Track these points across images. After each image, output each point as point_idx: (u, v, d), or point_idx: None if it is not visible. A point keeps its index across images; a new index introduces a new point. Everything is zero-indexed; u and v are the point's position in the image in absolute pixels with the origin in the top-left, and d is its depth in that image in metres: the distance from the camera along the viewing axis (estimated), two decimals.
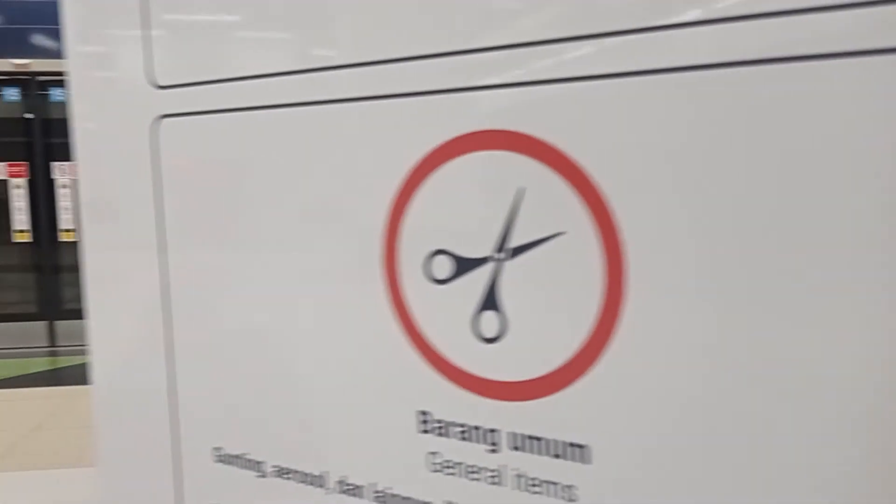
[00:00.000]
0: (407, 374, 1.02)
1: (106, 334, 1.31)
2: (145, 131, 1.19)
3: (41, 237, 6.35)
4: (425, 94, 0.99)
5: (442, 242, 0.99)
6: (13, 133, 6.27)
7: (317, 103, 1.07)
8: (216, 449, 1.20)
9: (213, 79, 1.15)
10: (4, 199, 6.27)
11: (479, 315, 0.98)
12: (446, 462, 1.02)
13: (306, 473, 1.12)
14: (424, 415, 1.03)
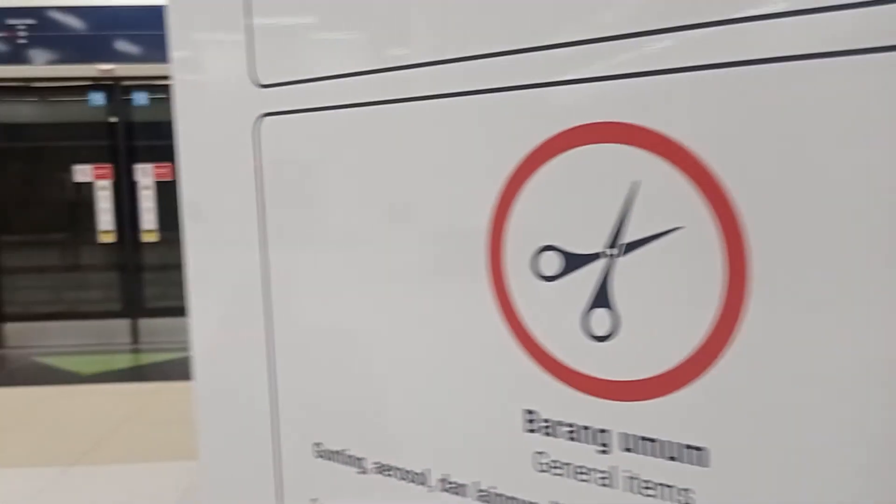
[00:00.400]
0: (512, 372, 1.01)
1: (207, 332, 1.33)
2: (247, 130, 1.21)
3: (124, 237, 6.58)
4: (534, 87, 0.97)
5: (550, 238, 0.97)
6: (98, 137, 6.52)
7: (421, 99, 1.06)
8: (316, 445, 1.20)
9: (314, 77, 1.15)
10: (90, 201, 6.52)
11: (589, 312, 0.95)
12: (553, 462, 1.00)
13: (407, 471, 1.12)
14: (531, 414, 1.01)
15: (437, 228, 1.08)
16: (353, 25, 1.13)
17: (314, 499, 1.22)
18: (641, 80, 0.90)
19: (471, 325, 1.04)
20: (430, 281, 1.08)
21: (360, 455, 1.16)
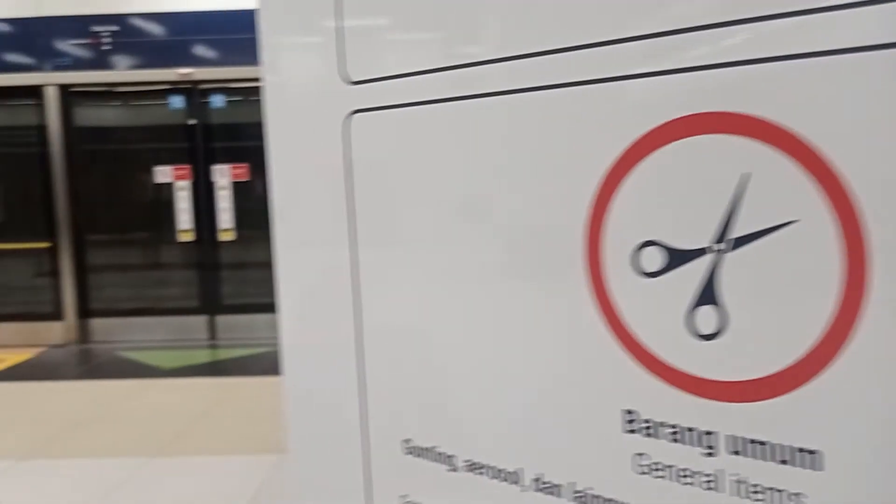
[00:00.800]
0: (611, 371, 0.98)
1: (296, 329, 1.34)
2: (337, 128, 1.21)
3: (202, 236, 6.78)
4: (634, 77, 0.94)
5: (652, 233, 0.94)
6: (177, 139, 6.74)
7: (515, 92, 1.04)
8: (405, 441, 1.20)
9: (406, 72, 1.15)
10: (170, 201, 6.74)
11: (694, 310, 0.92)
12: (655, 464, 0.97)
13: (499, 469, 1.10)
14: (630, 414, 0.98)
15: (532, 224, 1.06)
16: (445, 18, 1.12)
17: (403, 495, 1.22)
18: (752, 68, 0.86)
19: (567, 323, 1.02)
20: (524, 278, 1.07)
21: (450, 452, 1.15)
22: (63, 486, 3.56)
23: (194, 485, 3.56)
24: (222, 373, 6.02)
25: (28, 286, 7.06)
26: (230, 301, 6.98)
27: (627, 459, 0.98)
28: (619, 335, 0.97)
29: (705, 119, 0.89)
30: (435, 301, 1.16)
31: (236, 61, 6.54)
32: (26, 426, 4.51)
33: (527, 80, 1.03)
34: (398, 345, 1.20)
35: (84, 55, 6.53)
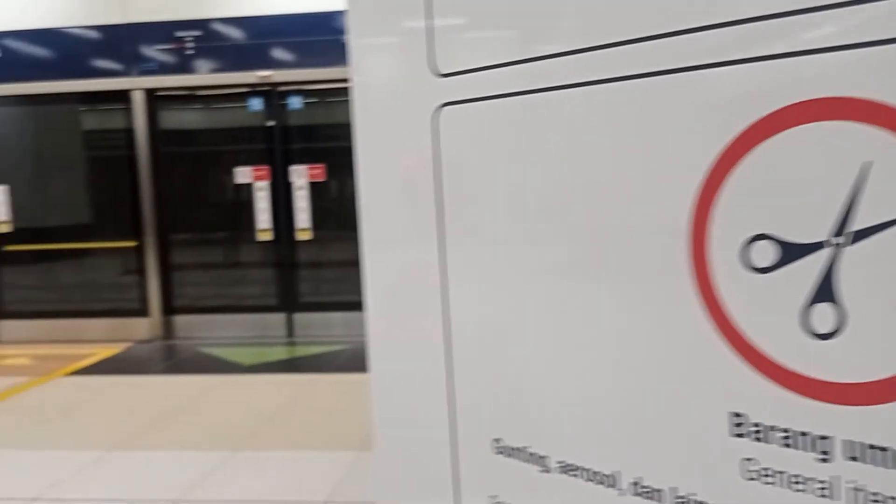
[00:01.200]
0: (718, 372, 0.94)
1: (384, 326, 1.33)
2: (426, 121, 1.20)
3: (280, 236, 6.92)
4: (742, 62, 0.89)
5: (764, 226, 0.89)
6: (257, 140, 6.90)
7: (611, 81, 1.01)
8: (495, 441, 1.18)
9: (496, 63, 1.13)
10: (249, 201, 6.91)
11: (810, 308, 0.86)
12: (764, 470, 0.92)
13: (596, 472, 1.07)
14: (738, 417, 0.93)
15: (630, 219, 1.02)
16: (537, 5, 1.09)
17: (493, 496, 1.19)
18: (875, 50, 0.80)
19: (671, 321, 0.97)
20: (623, 275, 1.03)
21: (543, 453, 1.12)
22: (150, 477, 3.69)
23: (275, 479, 3.63)
24: (300, 369, 6.12)
25: (116, 284, 7.36)
26: (307, 299, 7.11)
27: (734, 464, 0.94)
28: (726, 334, 0.93)
29: (823, 105, 0.84)
30: (526, 299, 1.13)
31: (313, 63, 6.66)
32: (115, 418, 4.69)
33: (624, 69, 0.99)
34: (487, 343, 1.18)
35: (168, 60, 6.76)
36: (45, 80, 6.89)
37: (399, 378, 1.32)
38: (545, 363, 1.11)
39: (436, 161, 1.20)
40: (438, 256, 1.21)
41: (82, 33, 6.83)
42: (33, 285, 7.55)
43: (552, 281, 1.10)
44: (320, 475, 3.68)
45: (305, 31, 6.65)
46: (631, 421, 1.03)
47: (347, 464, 3.81)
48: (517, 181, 1.13)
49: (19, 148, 7.46)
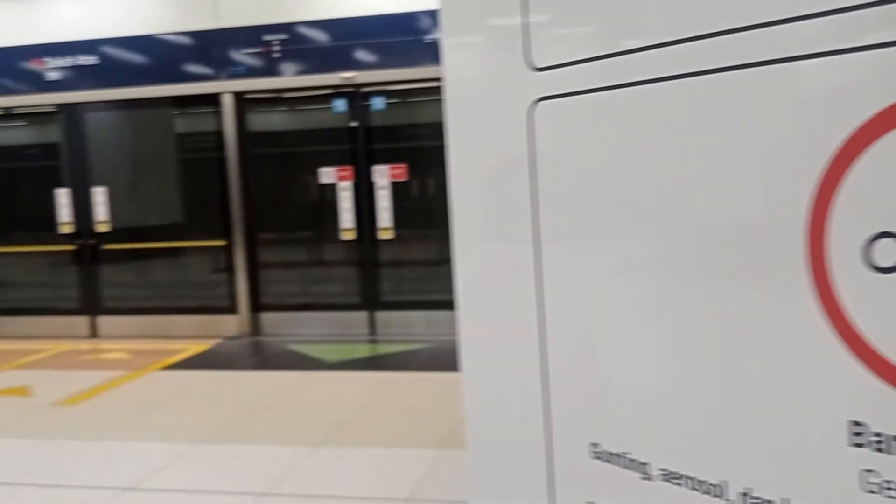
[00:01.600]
0: (836, 377, 0.88)
1: (476, 326, 1.32)
2: (521, 117, 1.18)
3: (363, 235, 7.02)
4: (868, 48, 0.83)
5: (887, 223, 0.83)
6: (340, 141, 7.01)
7: (721, 71, 0.96)
8: (593, 445, 1.15)
9: (593, 55, 1.09)
10: (333, 201, 7.03)
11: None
12: (887, 483, 0.86)
13: (701, 481, 1.02)
14: (858, 426, 0.87)
15: (742, 216, 0.97)
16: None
17: (590, 501, 1.16)
18: None
19: (785, 323, 0.92)
20: (732, 276, 0.98)
21: (643, 460, 1.08)
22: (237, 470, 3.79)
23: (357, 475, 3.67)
24: (382, 367, 6.19)
25: (206, 282, 7.62)
26: (388, 298, 7.18)
27: (853, 476, 0.88)
28: (845, 337, 0.87)
29: None
30: (626, 300, 1.10)
31: (395, 64, 6.72)
32: (205, 412, 4.85)
33: (734, 58, 0.94)
34: (584, 345, 1.15)
35: (256, 63, 6.95)
36: (140, 86, 7.19)
37: (492, 379, 1.30)
38: (646, 367, 1.08)
39: (531, 157, 1.17)
40: (533, 256, 1.18)
41: (175, 39, 7.10)
42: (129, 283, 7.90)
43: (654, 281, 1.06)
44: (402, 472, 3.70)
45: (388, 32, 6.72)
46: (740, 428, 0.98)
47: (429, 461, 3.82)
48: (617, 178, 1.09)
49: (117, 151, 7.82)
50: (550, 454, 1.20)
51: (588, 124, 1.12)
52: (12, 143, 8.30)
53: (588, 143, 1.13)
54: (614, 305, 1.12)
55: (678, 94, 1.00)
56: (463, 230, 1.30)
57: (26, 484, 3.73)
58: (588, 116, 1.12)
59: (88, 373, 6.09)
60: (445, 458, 3.86)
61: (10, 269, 8.24)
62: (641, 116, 1.05)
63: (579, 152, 1.14)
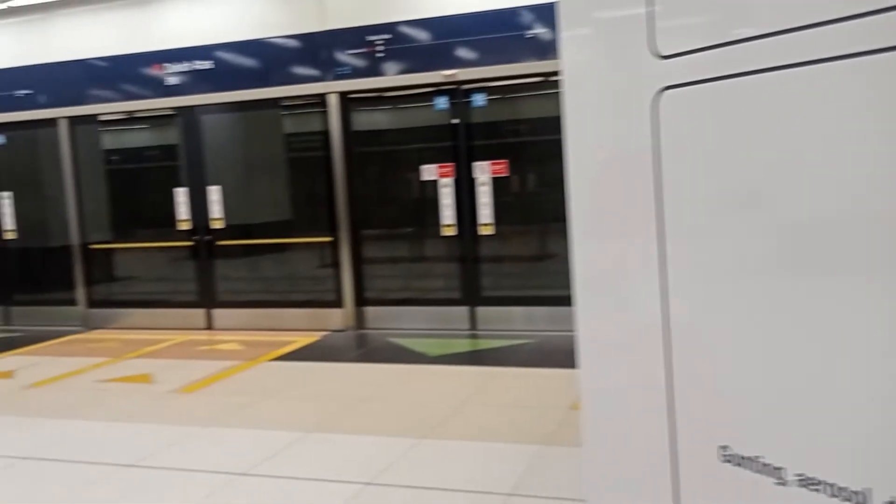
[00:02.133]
0: None
1: (595, 322, 1.29)
2: (645, 107, 1.14)
3: (464, 231, 7.05)
4: None
5: None
6: (442, 138, 7.07)
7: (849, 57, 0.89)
8: (722, 448, 1.10)
9: (721, 42, 1.05)
10: (434, 198, 7.10)
11: None
12: None
13: (842, 487, 0.96)
14: None
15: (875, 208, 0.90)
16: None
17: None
18: None
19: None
20: (877, 269, 0.91)
21: (778, 464, 1.03)
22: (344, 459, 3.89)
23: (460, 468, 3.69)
24: (483, 362, 6.20)
25: (313, 277, 7.86)
26: (489, 293, 7.19)
27: None
28: None
29: None
30: (757, 296, 1.04)
31: (496, 60, 6.71)
32: (313, 402, 4.99)
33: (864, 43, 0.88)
34: (713, 344, 1.10)
35: (360, 63, 7.10)
36: (251, 88, 7.48)
37: (612, 376, 1.27)
38: (780, 366, 1.02)
39: (655, 148, 1.14)
40: (657, 251, 1.15)
41: (284, 42, 7.34)
42: (241, 277, 8.25)
43: (786, 276, 1.01)
44: (504, 467, 3.70)
45: (489, 29, 6.72)
46: (888, 434, 0.91)
47: (531, 457, 3.80)
48: (744, 169, 1.04)
49: (229, 151, 8.17)
50: (675, 455, 1.16)
51: (716, 113, 1.08)
52: (135, 146, 8.82)
53: (716, 133, 1.09)
54: (743, 301, 1.07)
55: (809, 82, 0.95)
56: (581, 224, 1.28)
57: (148, 466, 3.95)
58: (716, 105, 1.07)
59: (205, 362, 6.40)
60: (548, 454, 3.83)
61: (134, 264, 8.76)
62: (771, 105, 1.00)
63: (706, 143, 1.09)
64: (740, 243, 1.06)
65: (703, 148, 1.10)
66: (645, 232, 1.15)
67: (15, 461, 4.12)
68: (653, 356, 1.17)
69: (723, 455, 1.09)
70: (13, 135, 8.60)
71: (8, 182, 8.71)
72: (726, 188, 1.07)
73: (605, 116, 1.22)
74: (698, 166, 1.11)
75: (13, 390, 5.78)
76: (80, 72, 8.01)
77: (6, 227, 8.74)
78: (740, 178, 1.05)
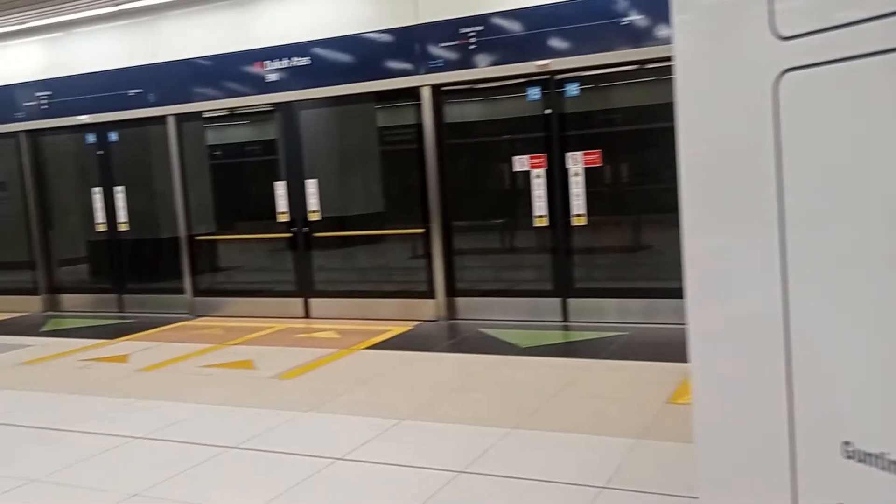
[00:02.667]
0: None
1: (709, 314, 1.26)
2: (765, 91, 1.10)
3: (556, 222, 7.00)
4: None
5: None
6: (534, 129, 7.03)
7: None
8: (845, 444, 1.06)
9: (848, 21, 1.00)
10: (526, 189, 7.07)
11: None
12: None
13: None
14: None
15: None
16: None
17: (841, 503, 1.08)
18: None
19: None
20: None
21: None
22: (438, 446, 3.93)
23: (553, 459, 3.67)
24: (575, 354, 6.15)
25: (406, 267, 7.98)
26: (581, 285, 7.11)
27: None
28: None
29: None
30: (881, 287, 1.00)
31: (589, 49, 6.61)
32: (406, 390, 5.08)
33: None
34: (836, 337, 1.06)
35: (453, 56, 7.13)
36: (346, 83, 7.63)
37: (727, 370, 1.24)
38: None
39: (776, 134, 1.10)
40: (778, 241, 1.11)
41: (378, 37, 7.46)
42: (336, 268, 8.46)
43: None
44: (598, 459, 3.66)
45: (582, 18, 6.63)
46: None
47: (626, 450, 3.75)
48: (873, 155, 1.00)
49: (325, 145, 8.38)
50: (794, 451, 1.13)
51: (841, 97, 1.03)
52: (237, 141, 9.17)
53: (840, 118, 1.04)
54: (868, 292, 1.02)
55: None
56: (694, 214, 1.25)
57: (252, 448, 4.12)
58: (841, 88, 1.03)
59: (303, 350, 6.61)
60: (644, 448, 3.77)
61: (236, 254, 9.13)
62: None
63: (830, 127, 1.05)
64: (866, 233, 1.01)
65: (826, 133, 1.06)
66: (764, 221, 1.12)
67: (130, 440, 4.37)
68: (771, 350, 1.13)
69: (845, 451, 1.05)
70: (125, 132, 9.09)
71: (120, 177, 9.22)
72: (851, 175, 1.03)
73: (721, 102, 1.18)
74: (821, 152, 1.07)
75: (127, 374, 6.13)
76: (186, 71, 8.38)
77: (119, 220, 9.25)
78: (866, 165, 1.00)
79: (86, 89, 8.97)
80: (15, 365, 6.70)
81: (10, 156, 9.78)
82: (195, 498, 3.51)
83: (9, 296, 9.98)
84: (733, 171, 1.18)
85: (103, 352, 7.01)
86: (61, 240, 9.89)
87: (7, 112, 9.54)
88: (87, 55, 8.94)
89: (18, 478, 3.87)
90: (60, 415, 4.98)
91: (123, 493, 3.59)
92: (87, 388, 5.70)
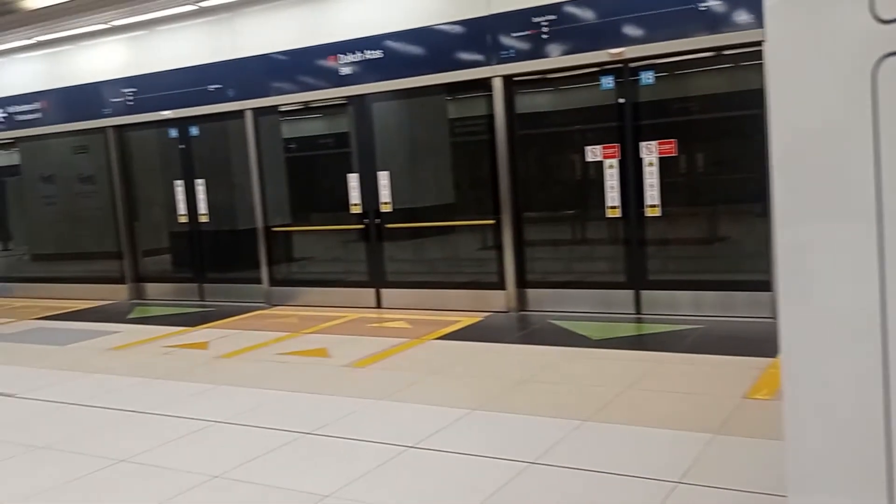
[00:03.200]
0: None
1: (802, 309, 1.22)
2: (863, 76, 1.06)
3: (629, 213, 6.88)
4: None
5: None
6: (607, 118, 6.91)
7: None
8: None
9: None
10: (599, 179, 6.98)
11: None
12: None
13: None
14: None
15: None
16: None
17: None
18: None
19: None
20: None
21: None
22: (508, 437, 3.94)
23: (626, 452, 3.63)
24: (648, 347, 6.05)
25: (476, 258, 8.00)
26: (655, 277, 6.99)
27: None
28: None
29: None
30: None
31: (664, 36, 6.47)
32: (477, 380, 5.10)
33: None
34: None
35: (524, 46, 7.08)
36: (418, 75, 7.68)
37: (820, 366, 1.20)
38: None
39: (875, 121, 1.06)
40: (876, 232, 1.07)
41: (450, 29, 7.47)
42: (408, 259, 8.54)
43: None
44: (673, 453, 3.60)
45: (656, 4, 6.48)
46: None
47: (702, 445, 3.68)
48: None
49: (397, 137, 8.46)
50: (891, 451, 1.09)
51: None
52: (311, 134, 9.35)
53: None
54: None
55: None
56: (787, 205, 1.21)
57: (327, 435, 4.21)
58: None
59: (375, 339, 6.71)
60: (720, 444, 3.69)
61: (310, 245, 9.32)
62: None
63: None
64: None
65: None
66: (862, 212, 1.08)
67: (210, 424, 4.53)
68: (868, 346, 1.10)
69: None
70: (205, 127, 9.38)
71: (201, 170, 9.53)
72: None
73: (817, 88, 1.14)
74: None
75: (208, 360, 6.35)
76: (263, 66, 8.59)
77: (200, 212, 9.57)
78: None
79: (168, 85, 9.29)
80: (104, 350, 7.03)
81: (98, 150, 10.23)
82: (272, 481, 3.62)
83: (98, 284, 10.44)
84: (829, 160, 1.14)
85: (185, 339, 7.28)
86: (146, 231, 10.30)
87: (95, 108, 9.97)
88: (169, 52, 9.26)
89: (109, 457, 4.06)
90: (145, 399, 5.20)
91: (205, 474, 3.73)
92: (171, 373, 5.93)
